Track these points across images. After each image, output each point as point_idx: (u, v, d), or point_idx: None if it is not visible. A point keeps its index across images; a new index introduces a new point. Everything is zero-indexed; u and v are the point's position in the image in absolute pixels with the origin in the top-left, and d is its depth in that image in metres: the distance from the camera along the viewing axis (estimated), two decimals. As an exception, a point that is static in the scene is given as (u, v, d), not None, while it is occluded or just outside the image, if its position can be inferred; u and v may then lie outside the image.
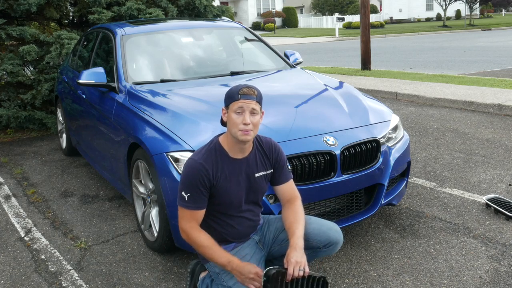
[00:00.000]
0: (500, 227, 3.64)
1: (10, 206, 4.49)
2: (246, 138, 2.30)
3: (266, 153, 2.50)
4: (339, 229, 2.52)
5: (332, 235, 2.47)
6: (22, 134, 7.36)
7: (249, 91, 2.30)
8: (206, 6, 8.49)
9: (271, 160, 2.51)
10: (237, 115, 2.29)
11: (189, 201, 2.33)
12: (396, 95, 9.01)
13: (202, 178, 2.31)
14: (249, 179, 2.45)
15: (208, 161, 2.34)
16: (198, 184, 2.31)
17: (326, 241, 2.46)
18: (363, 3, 12.47)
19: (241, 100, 2.28)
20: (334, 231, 2.48)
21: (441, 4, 40.16)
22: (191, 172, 2.32)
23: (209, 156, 2.36)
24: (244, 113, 2.28)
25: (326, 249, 2.48)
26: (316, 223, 2.52)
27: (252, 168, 2.45)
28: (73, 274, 3.24)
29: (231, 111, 2.31)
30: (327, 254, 2.53)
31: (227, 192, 2.39)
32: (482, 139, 5.96)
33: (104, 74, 4.17)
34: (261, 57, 5.01)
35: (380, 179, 3.40)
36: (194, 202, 2.33)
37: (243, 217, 2.50)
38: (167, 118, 3.38)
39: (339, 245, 2.50)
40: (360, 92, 4.13)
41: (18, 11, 6.97)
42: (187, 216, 2.36)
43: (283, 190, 2.56)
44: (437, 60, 15.72)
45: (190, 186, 2.32)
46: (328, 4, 60.07)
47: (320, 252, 2.50)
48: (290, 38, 35.59)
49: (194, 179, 2.31)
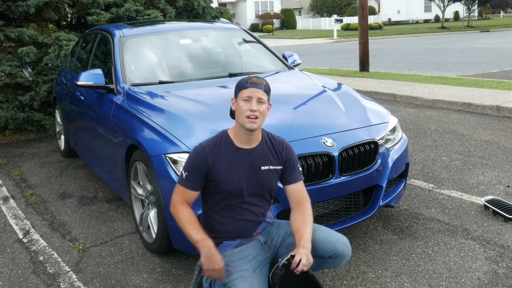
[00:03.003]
0: (499, 228, 3.64)
1: (8, 208, 4.49)
2: (252, 126, 2.37)
3: (276, 149, 2.54)
4: (348, 242, 2.48)
5: (339, 247, 2.44)
6: (21, 136, 7.35)
7: (257, 80, 2.41)
8: (205, 7, 8.50)
9: (280, 156, 2.55)
10: (244, 103, 2.38)
11: (185, 180, 2.46)
12: (394, 96, 9.02)
13: (200, 160, 2.43)
14: (254, 171, 2.48)
15: (211, 146, 2.47)
16: (196, 165, 2.43)
17: (332, 251, 2.43)
18: (361, 4, 12.49)
19: (250, 88, 2.38)
20: (342, 243, 2.45)
21: (439, 6, 40.24)
22: (193, 154, 2.47)
23: (213, 143, 2.48)
24: (252, 101, 2.37)
25: (331, 260, 2.45)
26: (325, 232, 2.50)
27: (258, 160, 2.49)
28: (71, 275, 3.23)
29: (239, 99, 2.40)
30: (333, 266, 2.50)
31: (228, 180, 2.44)
32: (481, 140, 5.97)
33: (102, 75, 4.17)
34: (259, 59, 5.01)
35: (378, 181, 3.40)
36: (189, 181, 2.46)
37: (246, 209, 2.51)
38: (165, 119, 3.38)
39: (346, 258, 2.46)
40: (358, 94, 4.14)
41: (17, 13, 6.97)
42: (179, 192, 2.49)
43: (293, 190, 2.57)
44: (435, 62, 15.74)
45: (189, 166, 2.45)
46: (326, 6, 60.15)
47: (326, 263, 2.48)
48: (289, 39, 35.62)
49: (194, 160, 2.44)
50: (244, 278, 2.35)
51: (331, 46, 28.02)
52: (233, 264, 2.41)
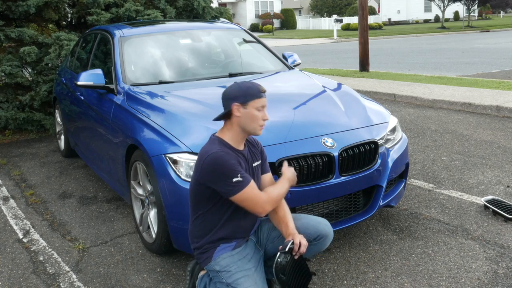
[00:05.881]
0: (499, 228, 3.64)
1: (8, 208, 4.49)
2: (261, 133, 2.48)
3: (254, 145, 2.63)
4: (328, 223, 2.61)
5: (321, 228, 2.56)
6: (21, 136, 7.35)
7: (264, 88, 2.47)
8: (205, 7, 8.50)
9: (258, 150, 2.64)
10: (259, 112, 2.42)
11: (244, 178, 2.34)
12: (394, 96, 9.02)
13: (235, 159, 2.38)
14: (252, 169, 2.54)
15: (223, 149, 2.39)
16: (237, 164, 2.36)
17: (315, 234, 2.54)
18: (361, 4, 12.49)
19: (264, 99, 2.44)
20: (323, 224, 2.58)
21: (439, 6, 40.25)
22: (224, 159, 2.33)
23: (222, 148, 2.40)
24: (264, 110, 2.45)
25: (316, 242, 2.55)
26: (305, 218, 2.62)
27: (251, 158, 2.55)
28: (71, 275, 3.24)
29: (252, 107, 2.41)
30: (319, 248, 2.59)
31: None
32: (481, 140, 5.97)
33: (102, 75, 4.17)
34: (260, 59, 5.01)
35: (378, 181, 3.40)
36: (246, 177, 2.36)
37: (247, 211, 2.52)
38: (165, 119, 3.38)
39: (329, 238, 2.58)
40: (358, 94, 4.14)
41: (17, 13, 6.97)
42: (254, 191, 2.38)
43: (266, 181, 2.63)
44: (435, 62, 15.74)
45: (234, 169, 2.33)
46: (326, 6, 60.16)
47: (313, 247, 2.56)
48: (289, 39, 35.62)
49: (231, 162, 2.34)
50: (248, 277, 2.37)
51: (331, 46, 28.02)
52: (235, 265, 2.42)
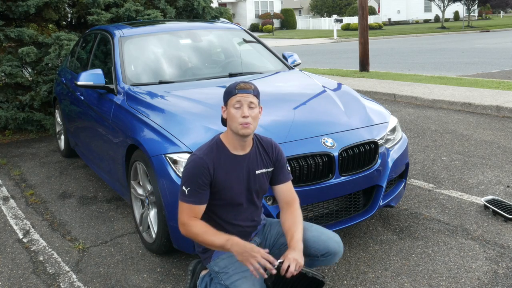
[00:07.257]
0: (499, 228, 3.64)
1: (8, 208, 4.49)
2: (247, 132, 2.34)
3: (266, 151, 2.54)
4: (340, 240, 2.50)
5: (331, 245, 2.45)
6: (21, 136, 7.35)
7: (246, 85, 2.37)
8: (204, 7, 8.49)
9: (271, 158, 2.55)
10: (236, 110, 2.34)
11: (189, 195, 2.36)
12: (394, 96, 9.02)
13: (202, 172, 2.35)
14: (251, 176, 2.47)
15: (209, 155, 2.39)
16: (198, 178, 2.34)
17: (324, 250, 2.44)
18: (361, 4, 12.49)
19: (239, 94, 2.35)
20: (334, 241, 2.46)
21: (439, 6, 40.25)
22: (191, 166, 2.36)
23: (210, 151, 2.41)
24: (243, 107, 2.34)
25: (324, 258, 2.47)
26: (317, 231, 2.50)
27: (253, 164, 2.48)
28: (71, 275, 3.23)
29: (230, 106, 2.37)
30: (325, 264, 2.51)
31: (227, 188, 2.42)
32: (481, 140, 5.97)
33: (102, 75, 4.17)
34: (260, 59, 5.01)
35: (378, 181, 3.40)
36: (194, 196, 2.36)
37: (245, 215, 2.51)
38: (165, 119, 3.38)
39: (338, 256, 2.48)
40: (358, 94, 4.14)
41: (17, 13, 6.97)
42: (186, 210, 2.38)
43: (282, 191, 2.57)
44: (435, 62, 15.74)
45: (190, 180, 2.35)
46: (326, 6, 60.15)
47: (318, 261, 2.49)
48: (289, 39, 35.62)
49: (194, 173, 2.35)
50: (246, 279, 2.34)
51: (331, 46, 28.02)
52: (233, 266, 2.40)
